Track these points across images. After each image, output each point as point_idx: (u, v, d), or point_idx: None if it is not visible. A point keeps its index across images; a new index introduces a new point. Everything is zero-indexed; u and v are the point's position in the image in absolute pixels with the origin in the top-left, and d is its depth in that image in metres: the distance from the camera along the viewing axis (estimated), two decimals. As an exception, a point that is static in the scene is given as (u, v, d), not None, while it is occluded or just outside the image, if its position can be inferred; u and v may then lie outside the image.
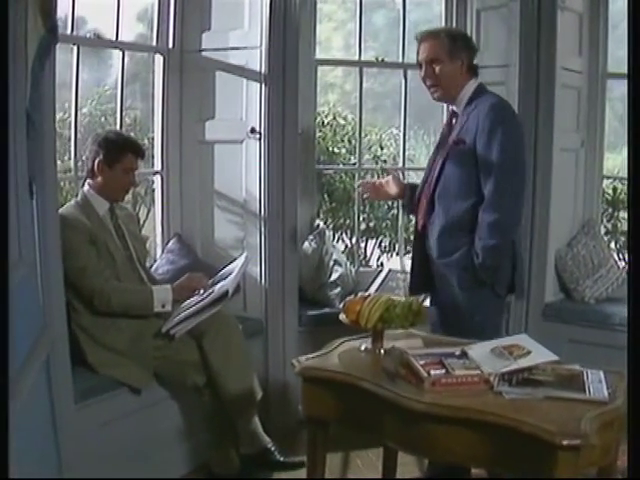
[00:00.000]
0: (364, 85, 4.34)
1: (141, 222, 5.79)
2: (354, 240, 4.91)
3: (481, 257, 2.86)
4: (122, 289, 3.05)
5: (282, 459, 3.12)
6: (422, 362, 2.29)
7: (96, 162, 3.09)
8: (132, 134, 5.49)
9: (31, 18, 2.17)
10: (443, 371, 2.24)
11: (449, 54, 2.93)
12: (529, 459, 1.97)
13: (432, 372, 2.22)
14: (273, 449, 3.13)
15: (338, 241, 5.64)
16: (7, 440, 1.67)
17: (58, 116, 5.43)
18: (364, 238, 5.69)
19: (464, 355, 2.35)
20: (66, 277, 2.80)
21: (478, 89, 2.99)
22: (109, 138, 3.12)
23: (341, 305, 2.74)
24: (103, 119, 5.82)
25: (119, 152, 3.09)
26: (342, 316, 2.59)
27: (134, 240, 3.27)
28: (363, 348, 2.57)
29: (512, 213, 2.91)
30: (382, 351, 2.53)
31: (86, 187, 3.14)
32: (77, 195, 3.20)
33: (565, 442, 1.88)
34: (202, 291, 3.24)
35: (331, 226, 5.59)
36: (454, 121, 3.01)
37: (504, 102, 3.01)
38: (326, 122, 5.82)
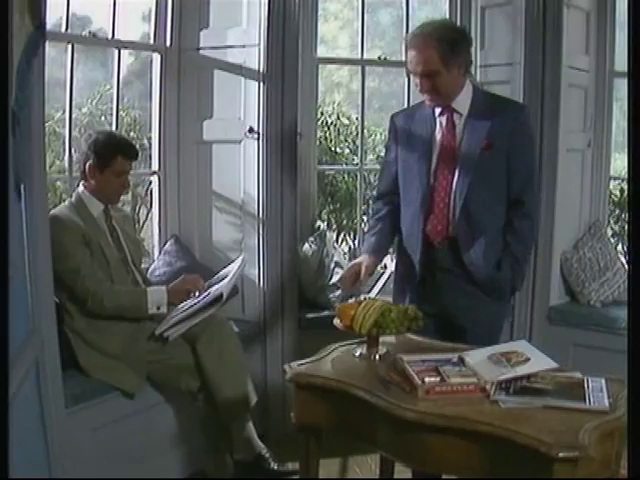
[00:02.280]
0: (371, 85, 4.28)
1: (141, 223, 5.77)
2: (357, 242, 4.84)
3: (523, 263, 2.84)
4: (116, 291, 3.00)
5: (276, 467, 3.07)
6: (417, 369, 2.23)
7: (87, 165, 3.04)
8: (132, 134, 5.49)
9: (17, 16, 2.12)
10: (438, 379, 2.17)
11: (447, 64, 2.64)
12: (525, 471, 1.90)
13: (426, 380, 2.15)
14: (267, 456, 3.08)
15: (341, 243, 5.60)
16: (7, 440, 1.64)
17: (57, 115, 5.44)
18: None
19: (461, 362, 2.29)
20: (59, 279, 2.76)
21: (477, 89, 2.85)
22: (99, 140, 3.06)
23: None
24: (103, 118, 5.79)
25: (109, 155, 3.03)
26: (336, 321, 2.53)
27: (129, 242, 3.22)
28: (358, 354, 2.50)
29: (539, 217, 3.00)
30: (377, 357, 2.46)
31: (80, 188, 3.10)
32: (72, 195, 3.16)
33: (562, 454, 1.81)
34: (197, 293, 3.20)
35: (334, 227, 5.54)
36: (456, 120, 2.77)
37: (529, 108, 2.92)
38: (330, 122, 5.76)
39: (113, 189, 3.09)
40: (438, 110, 2.80)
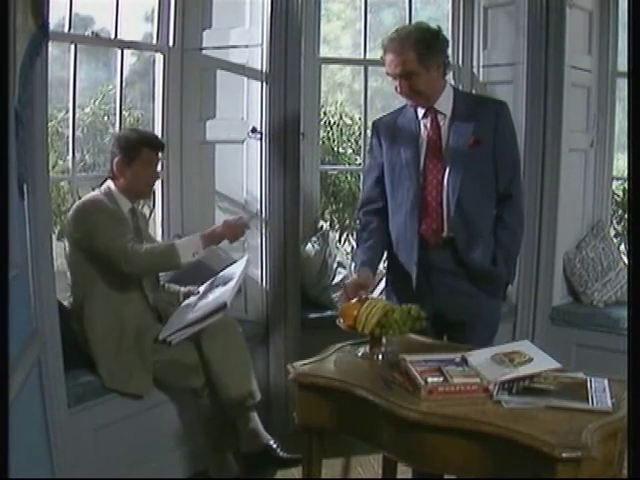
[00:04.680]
0: (373, 85, 4.27)
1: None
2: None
3: (515, 256, 2.88)
4: (145, 247, 2.99)
5: (284, 455, 3.05)
6: (420, 369, 2.22)
7: (114, 163, 3.06)
8: (135, 134, 5.48)
9: (20, 17, 2.12)
10: (441, 379, 2.16)
11: (425, 64, 2.68)
12: (528, 471, 1.90)
13: (429, 380, 2.15)
14: (275, 446, 3.07)
15: (344, 243, 5.59)
16: (7, 440, 1.64)
17: (60, 115, 5.44)
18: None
19: (464, 362, 2.28)
20: (93, 255, 2.91)
21: (457, 90, 2.92)
22: (123, 136, 3.11)
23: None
24: (106, 118, 5.79)
25: (135, 148, 3.05)
26: (339, 321, 2.52)
27: (148, 241, 3.23)
28: (360, 354, 2.50)
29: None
30: (380, 357, 2.46)
31: (110, 184, 3.10)
32: (99, 188, 3.13)
33: (565, 454, 1.80)
34: (202, 290, 3.20)
35: (337, 227, 5.54)
36: (440, 121, 2.79)
37: (507, 104, 2.90)
38: (332, 122, 5.77)
39: (144, 181, 3.11)
40: (421, 112, 2.83)
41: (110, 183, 3.10)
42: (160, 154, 3.18)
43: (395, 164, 2.87)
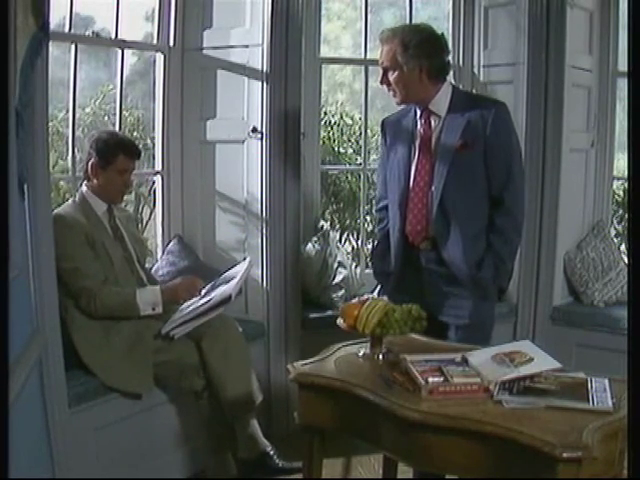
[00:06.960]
0: (374, 84, 4.26)
1: (144, 223, 5.78)
2: (360, 242, 4.85)
3: (508, 262, 2.85)
4: (108, 292, 2.97)
5: (280, 464, 3.06)
6: (420, 369, 2.22)
7: (90, 164, 3.06)
8: (135, 134, 5.50)
9: (21, 17, 2.12)
10: (441, 379, 2.16)
11: (402, 62, 2.75)
12: (529, 471, 1.90)
13: (430, 379, 2.15)
14: (272, 453, 3.07)
15: (345, 243, 5.60)
16: (7, 440, 1.64)
17: (60, 115, 5.45)
18: (371, 240, 5.63)
19: (464, 362, 2.28)
20: (60, 278, 2.76)
21: (457, 91, 2.90)
22: (101, 139, 3.08)
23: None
24: (106, 118, 5.80)
25: (111, 154, 3.04)
26: (340, 321, 2.52)
27: (134, 241, 3.23)
28: (361, 354, 2.50)
29: (524, 214, 2.94)
30: (380, 357, 2.46)
31: (84, 187, 3.11)
32: (75, 195, 3.16)
33: (565, 454, 1.80)
34: (203, 292, 3.20)
35: (337, 227, 5.54)
36: (433, 122, 2.83)
37: (506, 105, 2.88)
38: (333, 122, 5.77)
39: (116, 188, 3.10)
40: (419, 112, 2.87)
41: (84, 186, 3.11)
42: (136, 162, 3.16)
43: (392, 163, 2.94)
